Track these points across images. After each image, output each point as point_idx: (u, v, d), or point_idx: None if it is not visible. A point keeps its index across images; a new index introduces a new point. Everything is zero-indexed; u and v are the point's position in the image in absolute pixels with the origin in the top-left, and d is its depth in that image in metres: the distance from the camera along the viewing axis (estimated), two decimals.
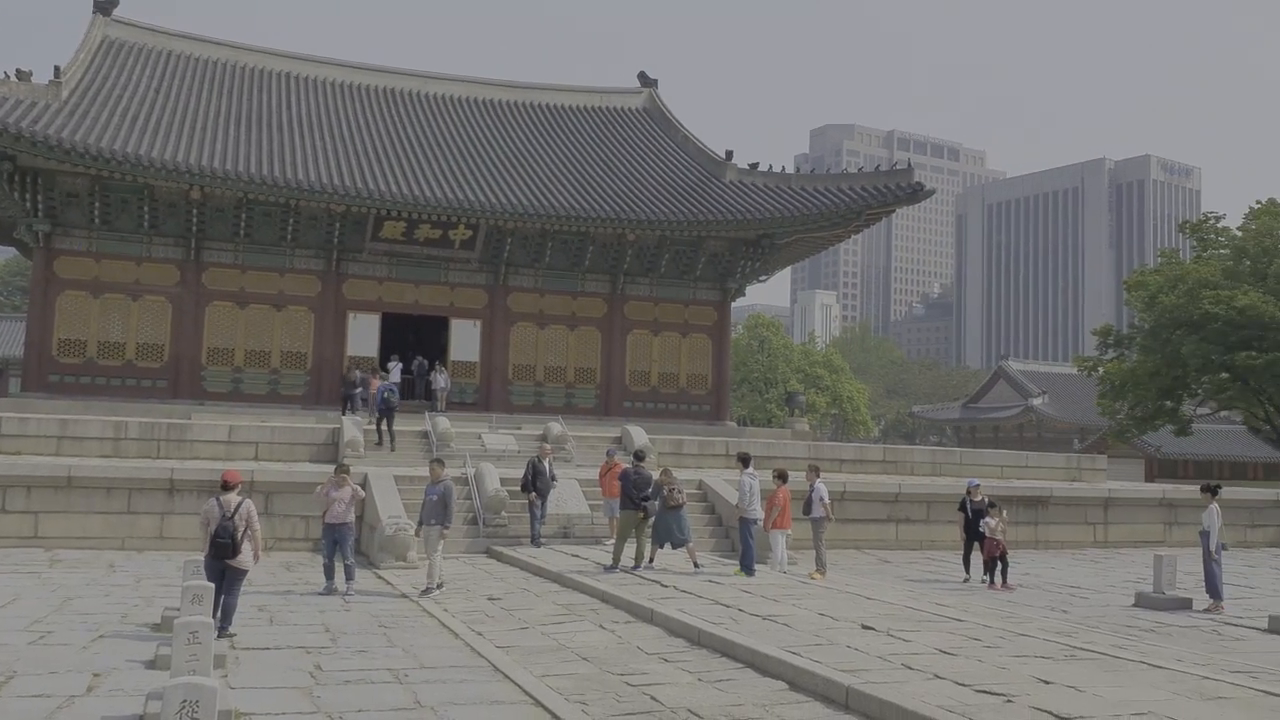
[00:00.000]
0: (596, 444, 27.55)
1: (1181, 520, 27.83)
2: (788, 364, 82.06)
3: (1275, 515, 30.40)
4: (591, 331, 37.32)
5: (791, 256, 41.49)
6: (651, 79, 46.57)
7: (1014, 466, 32.43)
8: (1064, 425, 72.34)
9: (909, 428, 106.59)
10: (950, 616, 13.31)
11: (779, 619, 12.66)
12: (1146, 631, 14.28)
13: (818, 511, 18.33)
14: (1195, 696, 9.07)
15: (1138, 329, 47.85)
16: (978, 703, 8.62)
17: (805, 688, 9.64)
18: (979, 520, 19.37)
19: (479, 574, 17.46)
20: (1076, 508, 27.42)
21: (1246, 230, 46.07)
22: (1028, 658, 10.64)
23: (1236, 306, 40.67)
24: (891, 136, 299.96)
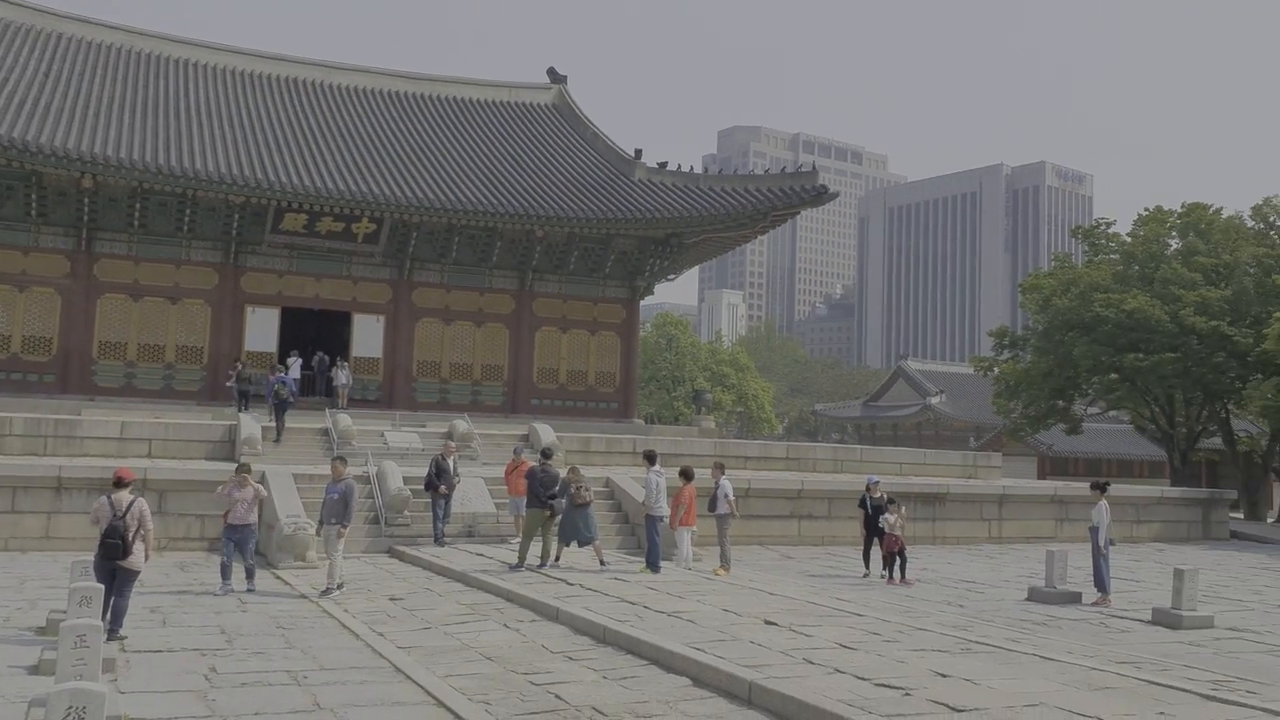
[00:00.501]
0: (503, 442, 27.37)
1: (1072, 516, 28.76)
2: (695, 362, 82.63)
3: (1159, 511, 31.63)
4: (499, 328, 37.07)
5: (700, 256, 41.79)
6: (561, 75, 46.44)
7: (912, 464, 33.16)
8: (961, 424, 74.14)
9: (812, 425, 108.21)
10: (851, 611, 13.54)
11: (684, 615, 12.72)
12: (1039, 625, 14.72)
13: (722, 508, 18.48)
14: (1084, 687, 9.37)
15: (1032, 330, 49.27)
16: (877, 696, 8.78)
17: (709, 684, 9.70)
18: (879, 516, 19.75)
19: (381, 574, 17.19)
20: (972, 504, 28.14)
21: (1135, 236, 47.78)
22: (926, 651, 10.88)
23: (1125, 310, 42.14)
24: (797, 139, 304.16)
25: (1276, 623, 15.73)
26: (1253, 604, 17.84)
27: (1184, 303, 41.74)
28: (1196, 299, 41.74)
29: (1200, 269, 43.52)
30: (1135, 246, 47.15)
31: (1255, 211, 47.44)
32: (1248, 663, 12.34)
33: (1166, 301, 42.32)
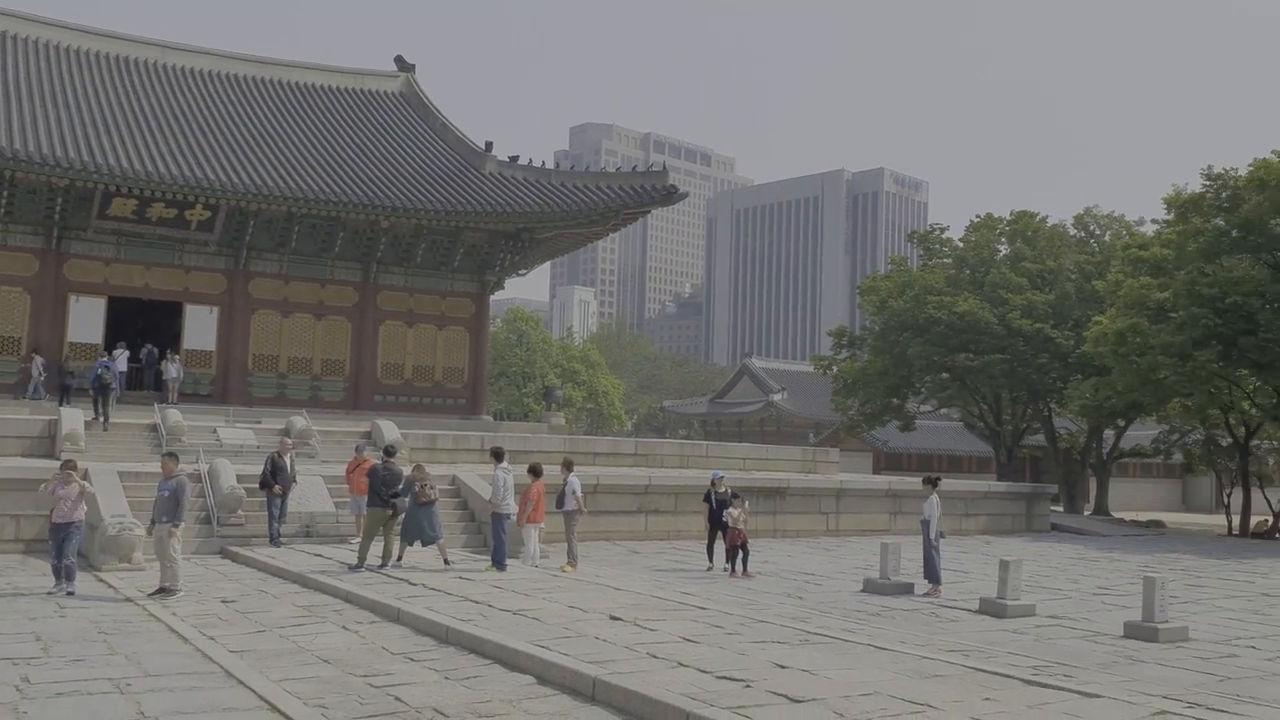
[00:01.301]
0: (344, 439, 26.68)
1: (905, 510, 29.86)
2: (546, 358, 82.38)
3: (987, 505, 33.17)
4: (341, 321, 36.11)
5: (551, 251, 41.66)
6: (409, 64, 45.55)
7: (755, 459, 33.86)
8: (801, 420, 76.13)
9: (660, 422, 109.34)
10: (694, 605, 13.70)
11: (529, 613, 12.64)
12: (874, 615, 15.20)
13: (570, 505, 18.44)
14: (916, 676, 9.71)
15: (869, 331, 50.99)
16: (719, 689, 8.89)
17: (553, 681, 9.66)
18: (723, 510, 20.06)
19: (212, 575, 16.51)
20: (812, 498, 28.92)
21: (967, 242, 49.99)
22: (766, 643, 11.09)
23: (957, 312, 44.02)
24: (649, 138, 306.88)
25: (1092, 610, 16.66)
26: (1070, 592, 18.86)
27: (1011, 306, 43.87)
28: (1023, 302, 43.93)
29: (1027, 274, 45.82)
30: (967, 251, 49.34)
31: (1077, 220, 50.29)
32: (1065, 648, 13.02)
33: (995, 304, 44.40)
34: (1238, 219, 35.38)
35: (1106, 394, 38.00)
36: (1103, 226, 49.43)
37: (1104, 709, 8.67)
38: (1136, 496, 62.31)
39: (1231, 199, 35.99)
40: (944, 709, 8.44)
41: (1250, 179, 35.04)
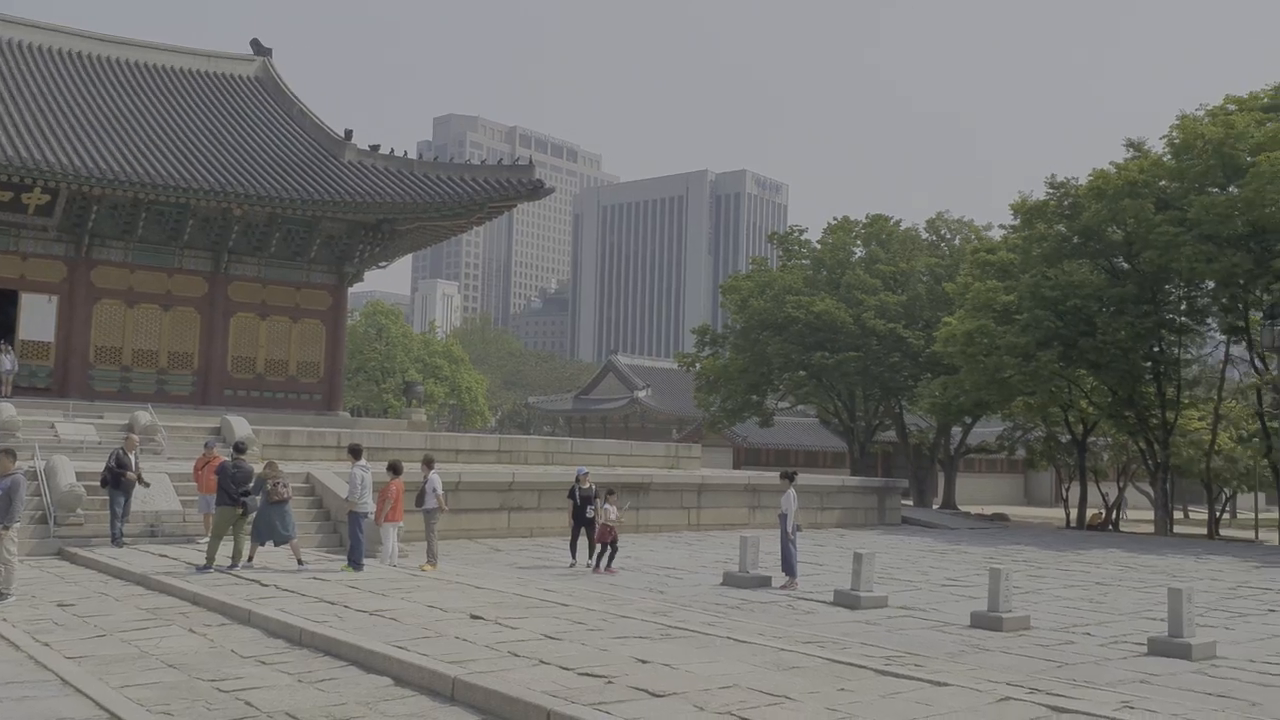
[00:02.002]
0: (192, 435, 25.67)
1: (764, 504, 30.41)
2: (406, 353, 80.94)
3: (841, 499, 34.06)
4: (190, 312, 34.72)
5: (413, 243, 40.91)
6: (266, 48, 44.08)
7: (620, 455, 34.00)
8: (665, 416, 76.89)
9: (524, 418, 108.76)
10: (557, 602, 13.64)
11: (387, 613, 12.37)
12: (733, 608, 15.42)
13: (430, 503, 18.15)
14: (774, 668, 9.87)
15: (731, 329, 51.84)
16: (580, 685, 8.86)
17: (412, 682, 9.47)
18: (587, 506, 20.05)
19: (49, 578, 15.64)
20: (674, 493, 29.19)
21: (824, 244, 51.29)
22: (628, 639, 11.11)
23: (814, 311, 45.13)
24: (514, 132, 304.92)
25: (941, 600, 17.27)
26: (920, 584, 19.51)
27: (866, 306, 45.20)
28: (877, 303, 45.31)
29: (881, 275, 47.28)
30: (824, 253, 50.63)
31: (929, 224, 52.12)
32: (916, 638, 13.45)
33: (851, 305, 45.67)
34: (1078, 226, 37.23)
35: (955, 392, 39.51)
36: (953, 231, 51.36)
37: (953, 696, 8.97)
38: (982, 491, 65.04)
39: (1073, 207, 37.86)
40: (801, 700, 8.60)
41: (1090, 188, 36.92)
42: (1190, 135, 35.14)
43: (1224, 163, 34.13)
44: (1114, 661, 12.30)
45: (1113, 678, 11.18)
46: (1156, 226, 34.02)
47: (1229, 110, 36.45)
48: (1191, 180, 34.84)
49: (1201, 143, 34.50)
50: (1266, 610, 17.14)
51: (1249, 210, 32.74)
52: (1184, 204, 34.13)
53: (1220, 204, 33.21)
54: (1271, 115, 36.07)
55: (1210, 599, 18.00)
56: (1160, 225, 33.93)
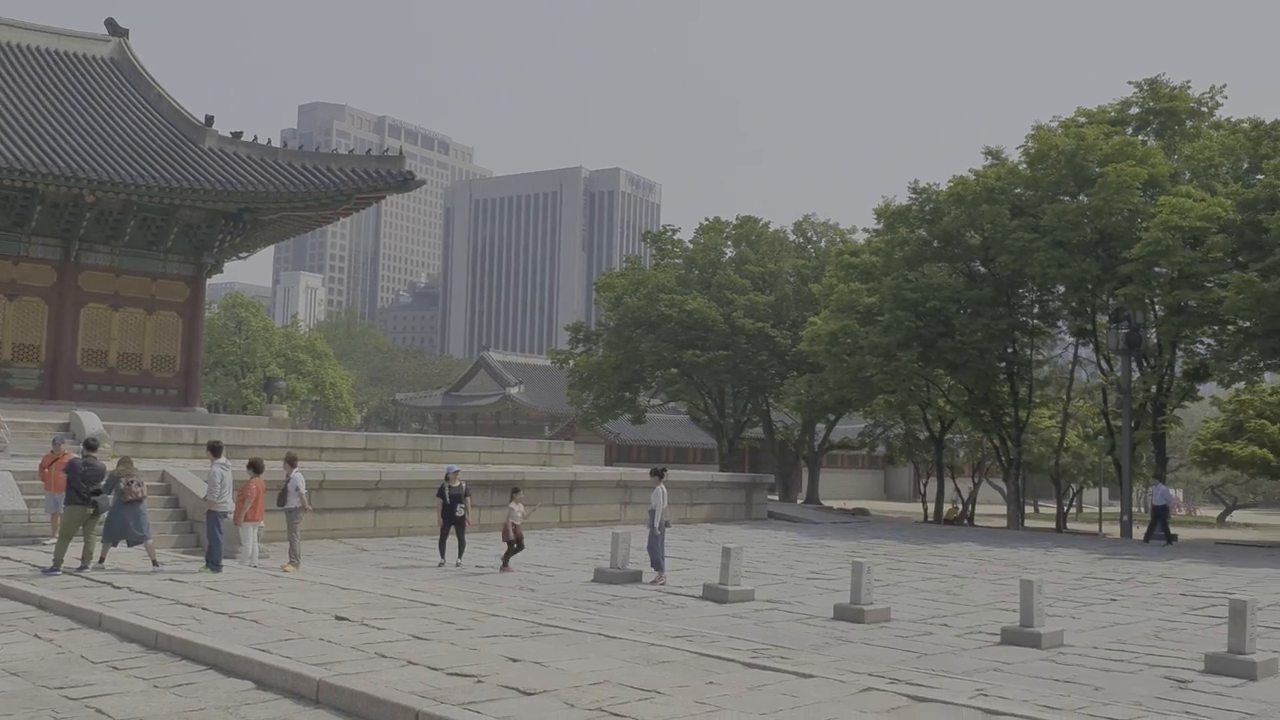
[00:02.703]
0: (39, 431, 24.44)
1: (636, 500, 30.59)
2: (268, 348, 78.58)
3: (710, 494, 34.51)
4: (36, 303, 33.00)
5: (276, 234, 39.73)
6: (122, 28, 42.16)
7: (491, 452, 33.71)
8: (538, 413, 76.58)
9: (392, 415, 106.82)
10: (425, 602, 13.45)
11: (247, 616, 11.99)
12: (604, 604, 15.46)
13: (293, 502, 17.65)
14: (644, 663, 9.94)
15: (604, 326, 51.98)
16: (450, 686, 8.76)
17: (274, 685, 9.20)
18: (457, 505, 19.84)
19: None
20: (546, 490, 29.11)
21: (696, 243, 51.89)
22: (498, 637, 11.04)
23: (686, 310, 45.62)
24: (383, 122, 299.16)
25: (806, 593, 17.66)
26: (786, 577, 19.92)
27: (736, 306, 45.91)
28: (746, 303, 46.06)
29: (750, 276, 48.08)
30: (696, 253, 51.23)
31: (796, 227, 53.20)
32: (782, 630, 13.73)
33: (721, 304, 46.32)
34: (938, 230, 38.53)
35: (819, 390, 40.46)
36: (819, 233, 52.54)
37: (817, 688, 9.18)
38: (844, 486, 66.78)
39: (933, 212, 39.16)
40: (671, 694, 8.67)
41: (950, 194, 38.25)
42: (1044, 146, 36.75)
43: (1075, 173, 35.81)
44: (969, 651, 12.77)
45: (968, 666, 11.62)
46: (1012, 232, 35.47)
47: (1080, 122, 38.27)
48: (1045, 189, 36.44)
49: (1055, 153, 36.11)
50: (1109, 600, 18.05)
51: (1097, 219, 34.43)
52: (1038, 211, 35.67)
53: (1071, 212, 34.83)
54: (1118, 129, 38.02)
55: (1059, 589, 18.86)
56: (1015, 231, 35.38)
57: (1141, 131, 39.26)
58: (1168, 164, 36.06)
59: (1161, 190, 34.73)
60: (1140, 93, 39.53)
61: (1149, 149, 36.55)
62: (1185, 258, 31.84)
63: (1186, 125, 38.80)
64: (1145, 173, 34.42)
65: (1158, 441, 37.62)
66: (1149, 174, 34.61)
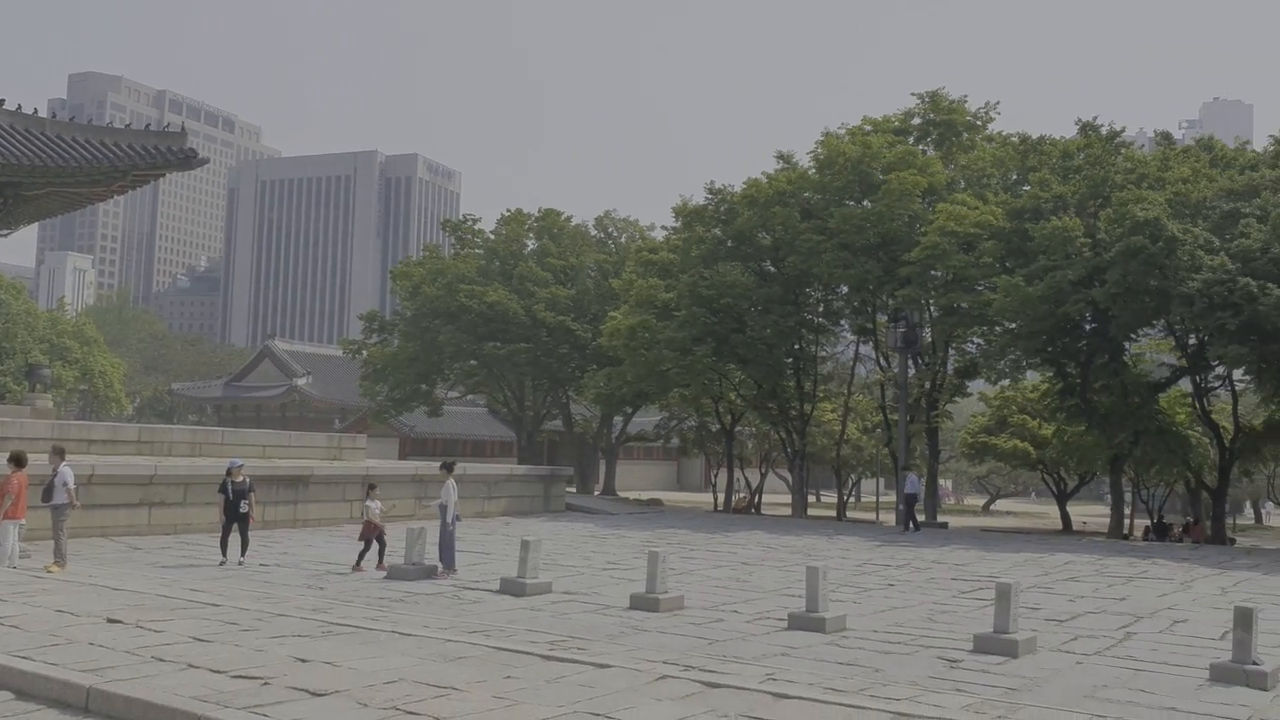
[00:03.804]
0: None
1: (431, 495, 29.96)
2: (30, 333, 73.04)
3: (509, 488, 34.33)
4: None
5: (41, 211, 36.81)
6: None
7: (277, 446, 32.42)
8: (327, 405, 74.19)
9: (167, 406, 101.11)
10: (206, 602, 12.80)
11: (7, 620, 11.08)
12: (398, 601, 15.13)
13: (60, 498, 16.46)
14: (440, 659, 9.78)
15: (401, 316, 50.92)
16: (234, 689, 8.37)
17: (38, 695, 8.54)
18: (240, 501, 19.00)
19: None
20: (336, 486, 28.25)
21: (498, 234, 51.52)
22: (286, 638, 10.63)
23: (487, 301, 45.25)
24: (163, 96, 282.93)
25: (602, 584, 17.82)
26: (583, 569, 20.05)
27: (537, 298, 45.88)
28: (548, 295, 46.10)
29: (552, 269, 48.16)
30: (498, 243, 50.88)
31: (598, 222, 53.65)
32: (579, 622, 13.80)
33: (523, 296, 46.19)
34: (733, 230, 39.68)
35: (618, 383, 40.97)
36: (620, 229, 53.16)
37: (614, 677, 9.27)
38: (640, 477, 67.85)
39: (729, 212, 40.29)
40: (468, 690, 8.57)
41: (744, 196, 39.44)
42: (833, 152, 38.39)
43: (861, 179, 37.59)
44: (759, 636, 13.20)
45: (758, 652, 12.00)
46: (801, 234, 36.89)
47: (867, 131, 40.19)
48: (833, 193, 38.09)
49: (842, 159, 37.79)
50: (887, 585, 19.05)
51: (880, 223, 36.25)
52: (826, 214, 37.24)
53: (856, 216, 36.55)
54: (901, 138, 40.15)
55: (841, 575, 19.74)
56: (805, 233, 36.82)
57: (922, 141, 41.59)
58: (945, 173, 38.38)
59: (939, 198, 36.91)
60: (922, 104, 41.84)
61: (929, 158, 38.79)
62: (959, 262, 33.91)
63: (963, 137, 41.35)
64: (925, 181, 36.50)
65: (931, 434, 40.00)
66: (928, 182, 36.73)
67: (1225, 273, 27.45)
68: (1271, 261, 27.42)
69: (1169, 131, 40.34)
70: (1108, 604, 16.84)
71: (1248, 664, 10.90)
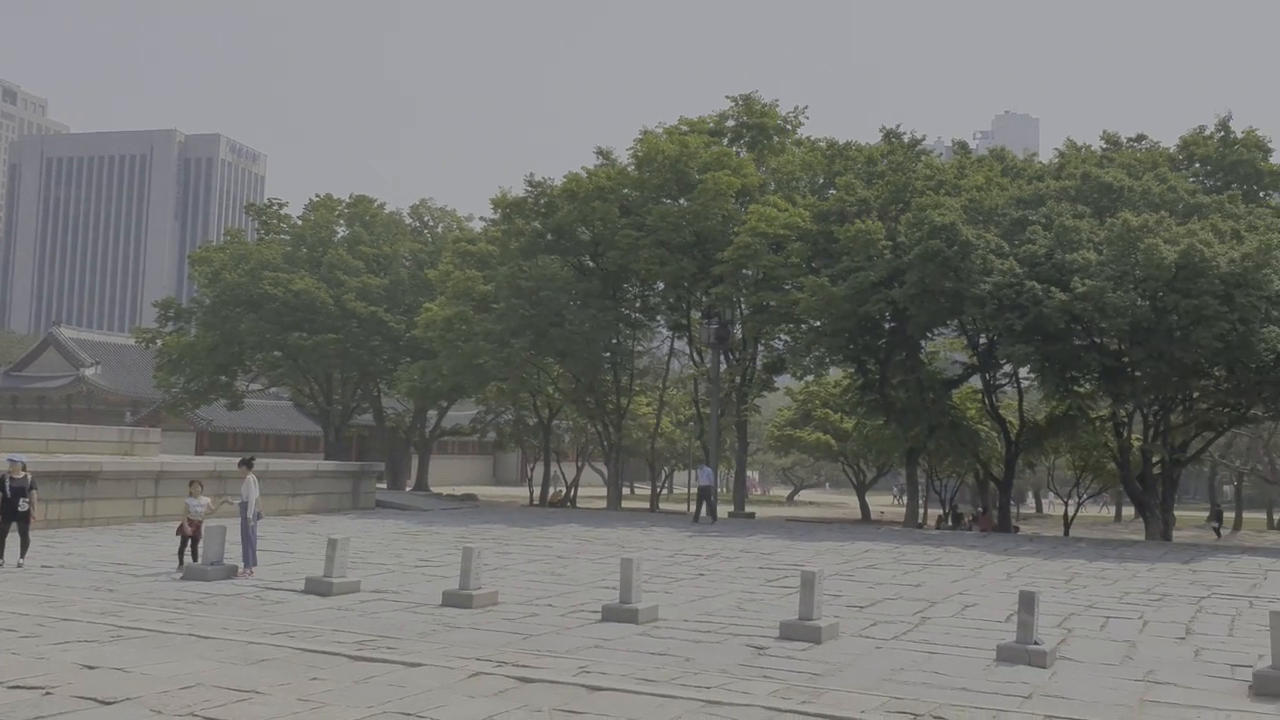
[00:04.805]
0: None
1: (231, 492, 28.67)
2: None
3: (315, 484, 33.26)
4: None
5: None
6: None
7: (62, 440, 30.38)
8: (118, 397, 70.06)
9: None
10: None
11: None
12: (195, 603, 14.40)
13: None
14: (242, 662, 9.37)
15: (200, 303, 48.51)
16: (13, 700, 7.77)
17: None
18: (19, 499, 17.69)
19: None
20: (127, 482, 26.73)
21: (306, 220, 49.74)
22: (71, 643, 9.96)
23: (294, 289, 43.64)
24: None
25: (414, 582, 17.46)
26: (394, 566, 19.59)
27: (348, 288, 44.58)
28: (359, 285, 44.86)
29: (364, 257, 46.87)
30: (306, 230, 49.14)
31: (413, 210, 52.61)
32: (389, 621, 13.47)
33: (332, 285, 44.78)
34: (552, 224, 39.64)
35: (433, 376, 40.30)
36: (436, 219, 52.29)
37: (426, 676, 9.09)
38: (454, 472, 67.04)
39: (548, 205, 40.23)
40: (270, 694, 8.24)
41: (564, 190, 39.46)
42: (651, 150, 38.85)
43: (678, 177, 38.20)
44: (573, 630, 13.21)
45: (572, 645, 12.01)
46: (620, 230, 37.20)
47: (684, 130, 40.86)
48: (651, 190, 38.55)
49: (660, 158, 38.30)
50: (698, 575, 19.41)
51: (696, 221, 36.93)
52: (644, 211, 37.67)
53: (673, 214, 37.13)
54: (717, 139, 41.00)
55: (654, 566, 20.00)
56: (623, 229, 37.14)
57: (736, 143, 42.59)
58: (758, 175, 39.44)
59: (752, 198, 37.90)
60: (736, 107, 42.83)
61: (742, 160, 39.77)
62: (769, 262, 34.90)
63: (774, 140, 42.57)
64: (739, 182, 37.41)
65: (740, 428, 41.07)
66: (742, 183, 37.66)
67: (1014, 276, 29.22)
68: (1055, 267, 29.35)
69: (965, 141, 42.62)
70: (904, 590, 17.66)
71: (1030, 644, 11.62)
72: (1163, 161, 34.89)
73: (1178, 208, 30.89)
